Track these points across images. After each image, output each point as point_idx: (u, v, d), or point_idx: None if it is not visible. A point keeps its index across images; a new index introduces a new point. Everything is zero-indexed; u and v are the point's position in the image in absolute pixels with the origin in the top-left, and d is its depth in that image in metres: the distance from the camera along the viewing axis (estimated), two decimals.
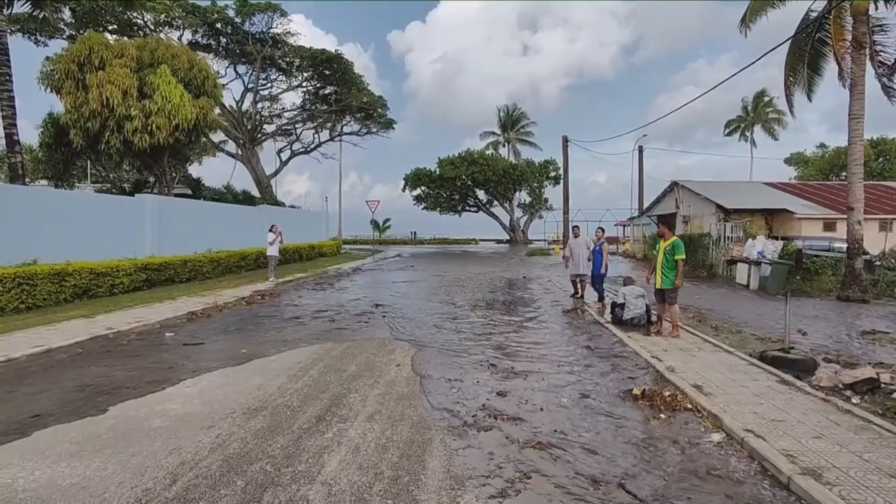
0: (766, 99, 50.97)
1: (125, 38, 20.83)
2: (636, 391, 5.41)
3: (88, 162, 17.73)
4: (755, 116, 52.02)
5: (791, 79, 15.41)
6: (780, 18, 15.80)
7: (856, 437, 4.13)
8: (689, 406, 5.00)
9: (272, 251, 15.73)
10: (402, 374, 6.17)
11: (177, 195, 19.64)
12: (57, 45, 31.03)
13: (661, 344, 7.61)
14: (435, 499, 3.29)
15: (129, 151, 15.78)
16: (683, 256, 8.27)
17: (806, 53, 14.88)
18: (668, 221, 8.67)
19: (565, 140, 32.79)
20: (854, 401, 5.12)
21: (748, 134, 53.35)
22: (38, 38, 26.58)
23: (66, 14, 25.92)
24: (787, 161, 52.69)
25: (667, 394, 5.30)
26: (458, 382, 5.83)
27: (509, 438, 4.24)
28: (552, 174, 52.15)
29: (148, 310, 10.53)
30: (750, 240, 16.87)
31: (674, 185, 25.93)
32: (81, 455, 3.89)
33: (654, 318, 9.27)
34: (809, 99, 15.67)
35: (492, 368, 6.39)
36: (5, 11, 12.86)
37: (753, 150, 53.46)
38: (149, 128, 15.22)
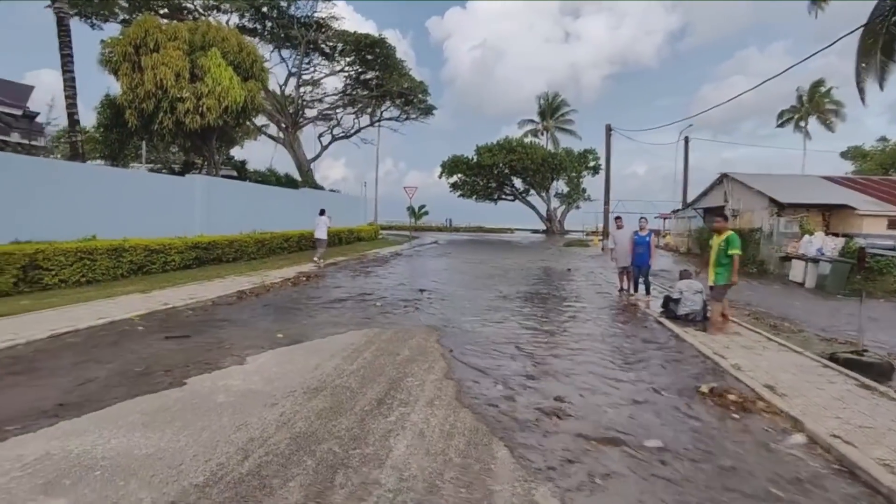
0: (824, 89, 48.33)
1: (176, 22, 21.25)
2: (704, 388, 5.17)
3: (143, 143, 18.25)
4: (811, 107, 49.44)
5: (863, 65, 14.46)
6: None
7: None
8: (764, 407, 4.74)
9: (321, 234, 15.89)
10: (456, 360, 6.09)
11: (223, 177, 20.05)
12: (111, 29, 32.00)
13: (722, 341, 7.29)
14: (509, 489, 3.20)
15: (180, 132, 16.15)
16: (739, 251, 7.83)
17: (880, 38, 13.92)
18: (723, 214, 8.23)
19: (608, 129, 31.92)
20: None
21: (802, 125, 50.82)
22: (94, 21, 27.44)
23: None
24: (844, 155, 49.89)
25: (737, 392, 5.05)
26: (514, 373, 5.71)
27: (576, 433, 4.10)
28: (591, 164, 51.03)
29: (199, 287, 10.79)
30: (807, 236, 16.08)
31: (723, 178, 24.91)
32: (153, 426, 3.95)
33: (710, 314, 8.93)
34: (881, 87, 14.65)
35: (545, 360, 6.25)
36: None
37: (807, 142, 50.94)
38: (199, 109, 15.52)
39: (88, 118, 35.52)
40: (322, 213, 16.20)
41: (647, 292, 11.35)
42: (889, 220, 19.49)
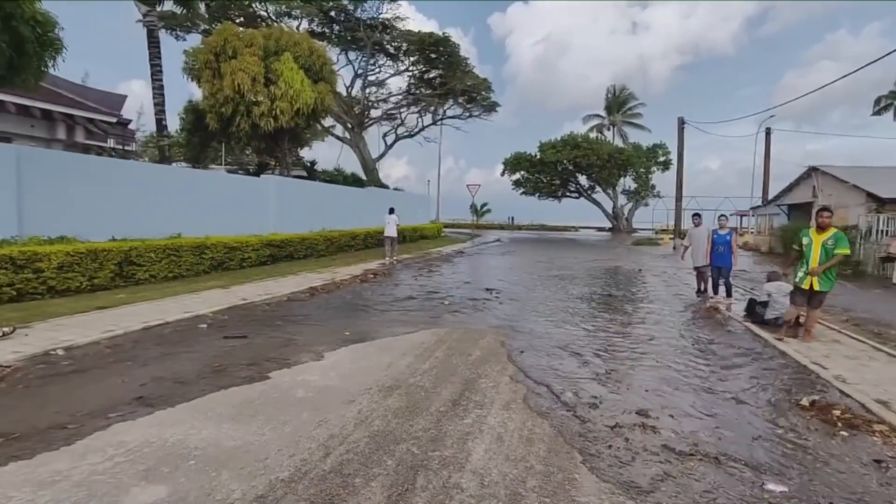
0: None
1: (252, 29, 22.32)
2: (804, 401, 4.72)
3: (223, 145, 19.33)
4: None
5: None
6: None
7: None
8: (877, 424, 4.26)
9: (391, 232, 16.26)
10: (528, 363, 5.94)
11: (294, 177, 20.84)
12: (193, 40, 34.10)
13: (820, 349, 6.67)
14: (596, 502, 3.03)
15: (255, 134, 16.93)
16: (848, 251, 7.14)
17: None
18: (829, 209, 7.52)
19: (681, 122, 30.40)
20: None
21: None
22: (178, 32, 29.38)
23: (202, 8, 28.37)
24: None
25: (843, 407, 4.58)
26: (589, 380, 5.48)
27: (664, 446, 3.83)
28: (661, 159, 48.94)
29: (274, 283, 11.23)
30: None
31: (811, 171, 23.04)
32: (240, 418, 4.09)
33: (801, 320, 8.23)
34: None
35: (622, 367, 5.96)
36: (158, 7, 14.21)
37: None
38: (273, 112, 16.19)
39: (172, 123, 38.16)
40: (391, 211, 16.63)
41: (729, 294, 10.65)
42: None
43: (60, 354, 5.75)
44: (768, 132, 33.19)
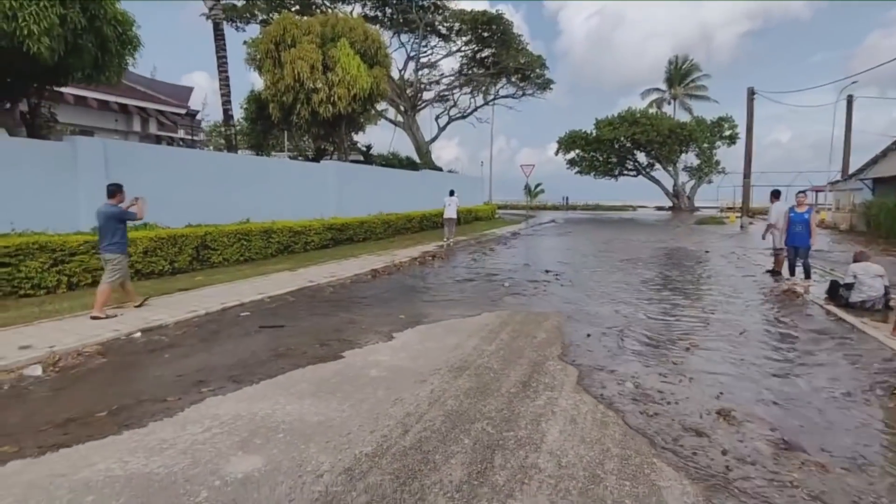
0: None
1: (305, 18, 22.76)
2: None
3: (285, 132, 19.97)
4: None
5: None
6: None
7: None
8: None
9: (451, 213, 16.47)
10: (596, 345, 5.88)
11: (352, 161, 21.25)
12: (251, 31, 35.19)
13: None
14: (678, 488, 2.99)
15: (314, 121, 17.34)
16: None
17: None
18: None
19: (751, 92, 28.51)
20: None
21: None
22: (238, 24, 30.38)
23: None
24: None
25: None
26: (664, 364, 5.36)
27: (746, 434, 3.72)
28: (727, 133, 46.35)
29: (338, 265, 11.59)
30: None
31: None
32: (320, 395, 4.30)
33: (892, 303, 7.67)
34: None
35: (697, 353, 5.78)
36: (221, 1, 14.73)
37: None
38: (331, 99, 16.50)
39: (235, 112, 39.81)
40: (452, 193, 16.82)
41: (808, 276, 10.03)
42: None
43: (153, 332, 6.22)
44: (850, 100, 30.66)
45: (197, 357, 5.40)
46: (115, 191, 6.94)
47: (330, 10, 27.99)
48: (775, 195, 11.61)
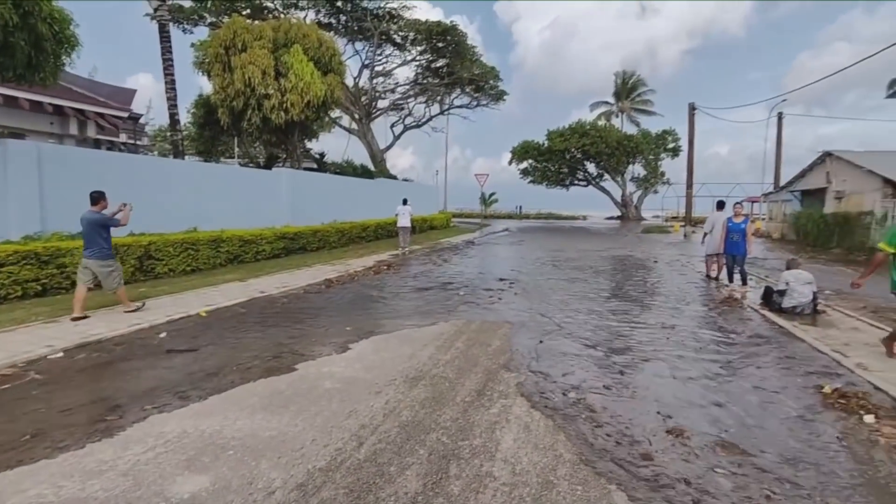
0: None
1: (257, 22, 22.31)
2: (827, 389, 4.77)
3: (235, 139, 19.44)
4: None
5: None
6: None
7: None
8: None
9: (405, 222, 16.44)
10: (549, 352, 6.01)
11: (305, 169, 20.91)
12: (199, 33, 34.14)
13: (839, 337, 6.69)
14: (624, 496, 3.10)
15: (266, 128, 16.99)
16: None
17: None
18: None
19: (692, 107, 30.03)
20: None
21: None
22: (185, 26, 29.40)
23: (207, 2, 28.36)
24: None
25: (866, 396, 4.62)
26: (612, 370, 5.55)
27: (690, 437, 3.90)
28: (670, 145, 48.60)
29: (290, 276, 11.35)
30: None
31: (826, 157, 22.75)
32: (272, 409, 4.20)
33: (819, 308, 8.24)
34: None
35: (642, 358, 6.01)
36: (168, 2, 14.23)
37: None
38: (284, 105, 16.23)
39: (182, 117, 38.41)
40: (405, 202, 16.80)
41: (744, 283, 10.65)
42: None
43: (92, 348, 5.90)
44: (780, 117, 32.80)
45: (140, 373, 5.16)
46: (97, 198, 7.18)
47: (283, 16, 27.56)
48: (719, 206, 12.26)
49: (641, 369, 5.42)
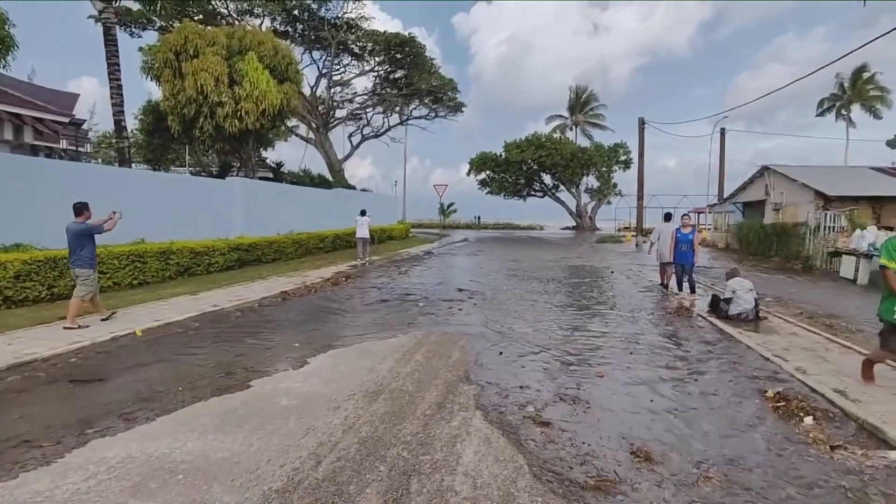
0: (867, 75, 46.28)
1: (209, 28, 21.74)
2: (769, 393, 5.01)
3: (186, 147, 18.75)
4: (854, 94, 47.44)
5: None
6: None
7: None
8: (837, 413, 4.57)
9: (363, 233, 16.46)
10: (509, 363, 6.06)
11: (260, 178, 20.43)
12: (149, 38, 32.97)
13: (780, 342, 7.06)
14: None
15: (219, 136, 16.52)
16: None
17: None
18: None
19: (641, 122, 31.26)
20: None
21: (845, 113, 48.83)
22: (133, 29, 28.30)
23: (157, 4, 27.40)
24: (892, 143, 47.73)
25: (804, 398, 4.89)
26: (572, 378, 5.65)
27: (646, 446, 4.01)
28: (622, 158, 50.26)
29: (244, 288, 11.01)
30: (859, 230, 15.42)
31: (764, 170, 24.10)
32: (225, 429, 4.04)
33: (761, 314, 8.68)
34: None
35: (597, 362, 6.16)
36: (114, 4, 13.66)
37: (851, 131, 48.95)
38: (238, 113, 15.83)
39: (129, 123, 36.88)
40: (363, 213, 16.84)
41: (693, 291, 11.09)
42: None
43: (25, 368, 5.52)
44: (723, 132, 34.53)
45: (79, 394, 4.86)
46: (81, 209, 7.41)
47: (237, 22, 26.98)
48: (667, 217, 12.77)
49: (595, 381, 5.53)
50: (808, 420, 4.42)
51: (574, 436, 4.06)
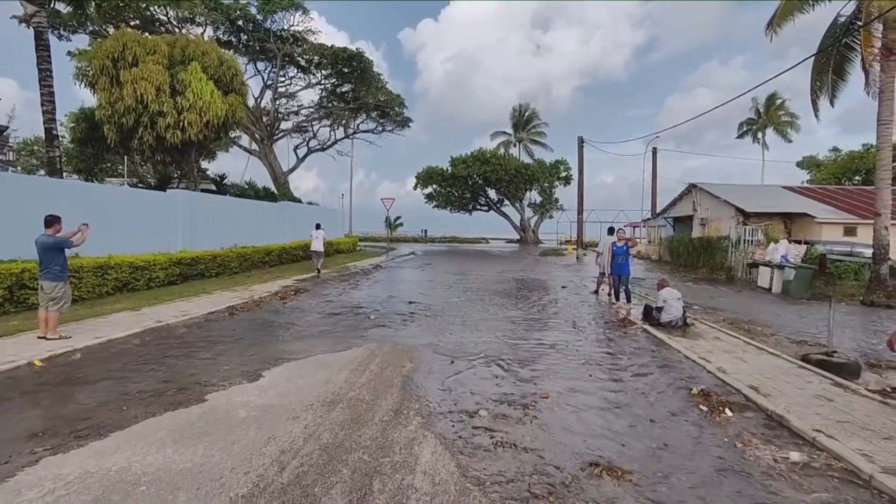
0: (779, 101, 50.76)
1: (148, 35, 21.05)
2: (695, 390, 5.57)
3: (126, 158, 17.96)
4: (767, 119, 51.84)
5: (817, 83, 15.47)
6: (805, 22, 15.62)
7: None
8: (751, 406, 5.16)
9: (318, 246, 17.07)
10: (459, 370, 6.35)
11: (203, 191, 19.87)
12: (79, 41, 31.33)
13: (705, 346, 7.75)
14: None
15: (160, 147, 16.00)
16: None
17: (832, 59, 14.95)
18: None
19: (581, 141, 32.79)
20: None
21: (760, 136, 53.21)
22: (62, 32, 26.88)
23: (91, 7, 26.21)
24: (800, 165, 52.41)
25: (723, 393, 5.47)
26: (518, 384, 6.00)
27: (592, 426, 4.40)
28: (563, 174, 52.24)
29: (188, 303, 10.74)
30: (773, 243, 16.95)
31: (692, 188, 25.98)
32: (184, 442, 4.08)
33: (689, 321, 9.45)
34: (832, 104, 15.70)
35: (543, 365, 6.56)
36: (48, 7, 13.07)
37: (766, 152, 53.35)
38: (181, 124, 15.44)
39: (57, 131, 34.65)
40: (318, 227, 17.42)
41: (628, 300, 11.85)
42: (845, 227, 20.70)
43: None
44: (654, 151, 36.76)
45: (21, 415, 4.70)
46: (51, 221, 7.35)
47: (177, 30, 26.24)
48: (610, 231, 13.64)
49: (539, 380, 5.91)
50: (727, 412, 4.97)
51: (531, 440, 4.38)
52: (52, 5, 13.72)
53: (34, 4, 12.69)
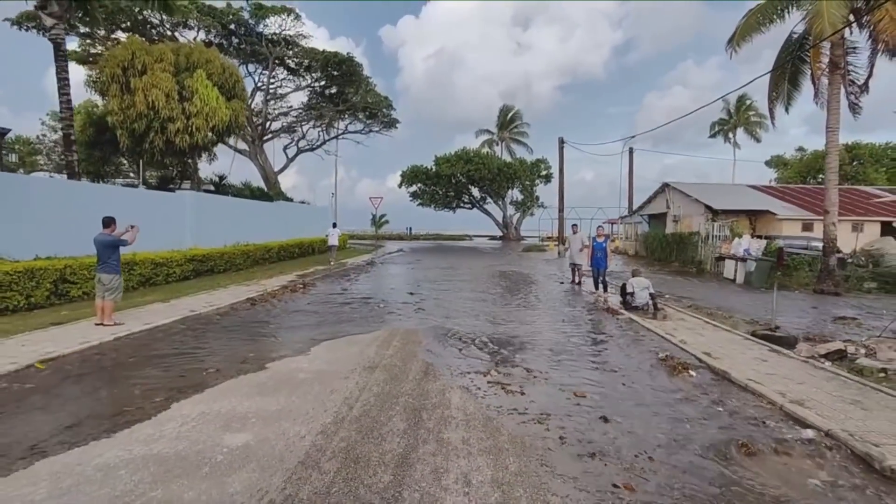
0: (748, 102, 53.13)
1: (148, 43, 21.76)
2: (662, 356, 6.94)
3: (141, 161, 18.70)
4: (738, 119, 54.22)
5: (774, 93, 17.09)
6: (765, 35, 17.20)
7: (827, 384, 5.69)
8: (704, 366, 6.54)
9: (334, 241, 20.59)
10: (468, 344, 7.62)
11: (204, 191, 20.74)
12: (72, 42, 31.56)
13: (671, 325, 9.16)
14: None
15: (169, 151, 16.88)
16: None
17: (787, 70, 16.57)
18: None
19: (561, 141, 34.29)
20: (826, 364, 6.69)
21: (731, 136, 55.60)
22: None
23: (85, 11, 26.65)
24: (768, 163, 55.06)
25: (684, 358, 6.84)
26: (516, 354, 7.29)
27: (559, 386, 5.71)
28: (543, 173, 53.85)
29: (210, 296, 11.76)
30: (737, 238, 18.58)
31: (665, 186, 27.64)
32: (266, 394, 5.25)
33: (660, 306, 10.86)
34: (787, 111, 17.36)
35: (538, 341, 7.88)
36: (67, 17, 13.86)
37: (737, 151, 55.77)
38: (189, 129, 16.35)
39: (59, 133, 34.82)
40: (334, 225, 21.08)
41: (605, 290, 13.27)
42: (803, 224, 22.54)
43: (68, 361, 6.32)
44: (631, 151, 38.49)
45: (129, 379, 5.80)
46: (108, 222, 8.53)
47: (169, 34, 26.87)
48: (574, 227, 15.28)
49: (534, 353, 7.22)
50: (690, 371, 6.34)
51: (523, 386, 5.67)
52: (71, 17, 14.46)
53: (53, 17, 13.49)
